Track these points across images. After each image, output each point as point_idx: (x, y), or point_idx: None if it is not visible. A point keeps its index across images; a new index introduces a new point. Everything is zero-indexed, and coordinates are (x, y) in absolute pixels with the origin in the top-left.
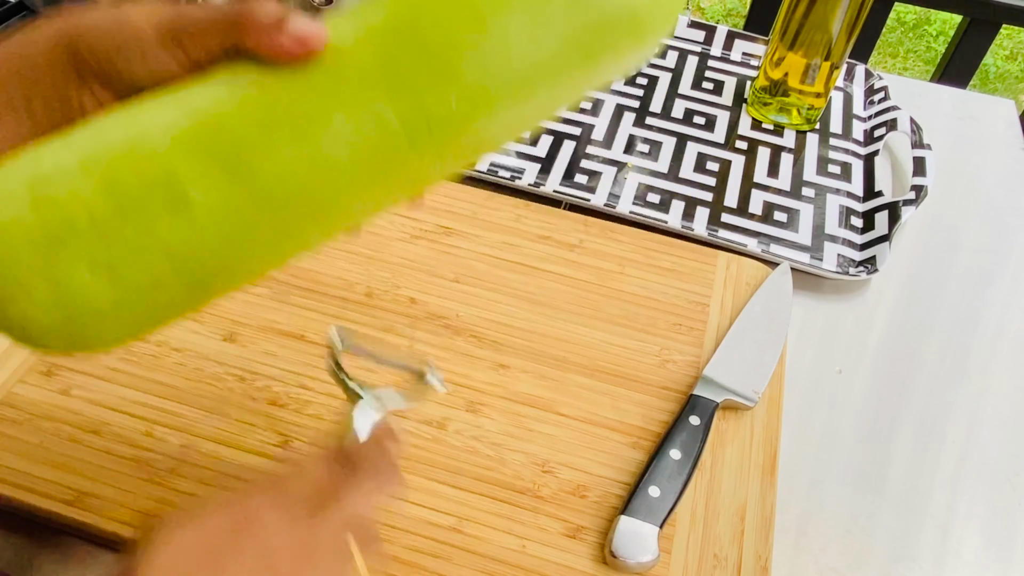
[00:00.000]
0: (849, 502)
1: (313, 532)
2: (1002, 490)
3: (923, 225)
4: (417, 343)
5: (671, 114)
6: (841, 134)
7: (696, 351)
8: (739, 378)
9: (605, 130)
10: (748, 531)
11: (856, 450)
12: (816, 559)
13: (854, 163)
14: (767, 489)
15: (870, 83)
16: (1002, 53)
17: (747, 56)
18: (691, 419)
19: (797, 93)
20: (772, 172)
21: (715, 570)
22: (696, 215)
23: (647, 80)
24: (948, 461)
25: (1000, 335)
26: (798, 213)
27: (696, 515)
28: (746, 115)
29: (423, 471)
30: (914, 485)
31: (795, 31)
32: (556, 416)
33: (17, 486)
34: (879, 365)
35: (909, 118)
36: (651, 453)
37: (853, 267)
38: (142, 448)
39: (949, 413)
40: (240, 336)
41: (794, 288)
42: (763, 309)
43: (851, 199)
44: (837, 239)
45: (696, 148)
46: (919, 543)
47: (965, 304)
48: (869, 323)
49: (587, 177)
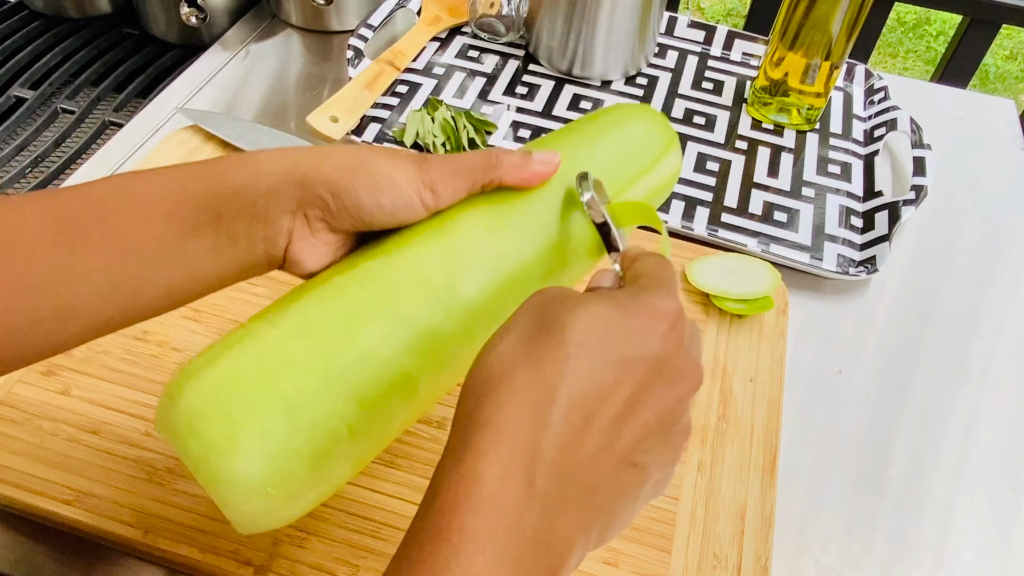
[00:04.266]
0: (849, 502)
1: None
2: (1002, 490)
3: (923, 225)
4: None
5: (671, 114)
6: (841, 134)
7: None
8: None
9: None
10: (748, 531)
11: (856, 450)
12: (816, 559)
13: (854, 163)
14: (767, 489)
15: (870, 83)
16: (1002, 53)
17: (747, 56)
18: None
19: (797, 93)
20: (772, 172)
21: (715, 570)
22: (696, 215)
23: (647, 80)
24: (948, 461)
25: (1000, 335)
26: (798, 213)
27: (696, 515)
28: (746, 115)
29: (422, 471)
30: (914, 485)
31: (795, 31)
32: None
33: (17, 486)
34: (879, 365)
35: (909, 118)
36: None
37: (853, 267)
38: (142, 448)
39: (949, 413)
40: None
41: (794, 288)
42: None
43: (851, 199)
44: (837, 239)
45: (696, 148)
46: (919, 543)
47: (965, 304)
48: (869, 323)
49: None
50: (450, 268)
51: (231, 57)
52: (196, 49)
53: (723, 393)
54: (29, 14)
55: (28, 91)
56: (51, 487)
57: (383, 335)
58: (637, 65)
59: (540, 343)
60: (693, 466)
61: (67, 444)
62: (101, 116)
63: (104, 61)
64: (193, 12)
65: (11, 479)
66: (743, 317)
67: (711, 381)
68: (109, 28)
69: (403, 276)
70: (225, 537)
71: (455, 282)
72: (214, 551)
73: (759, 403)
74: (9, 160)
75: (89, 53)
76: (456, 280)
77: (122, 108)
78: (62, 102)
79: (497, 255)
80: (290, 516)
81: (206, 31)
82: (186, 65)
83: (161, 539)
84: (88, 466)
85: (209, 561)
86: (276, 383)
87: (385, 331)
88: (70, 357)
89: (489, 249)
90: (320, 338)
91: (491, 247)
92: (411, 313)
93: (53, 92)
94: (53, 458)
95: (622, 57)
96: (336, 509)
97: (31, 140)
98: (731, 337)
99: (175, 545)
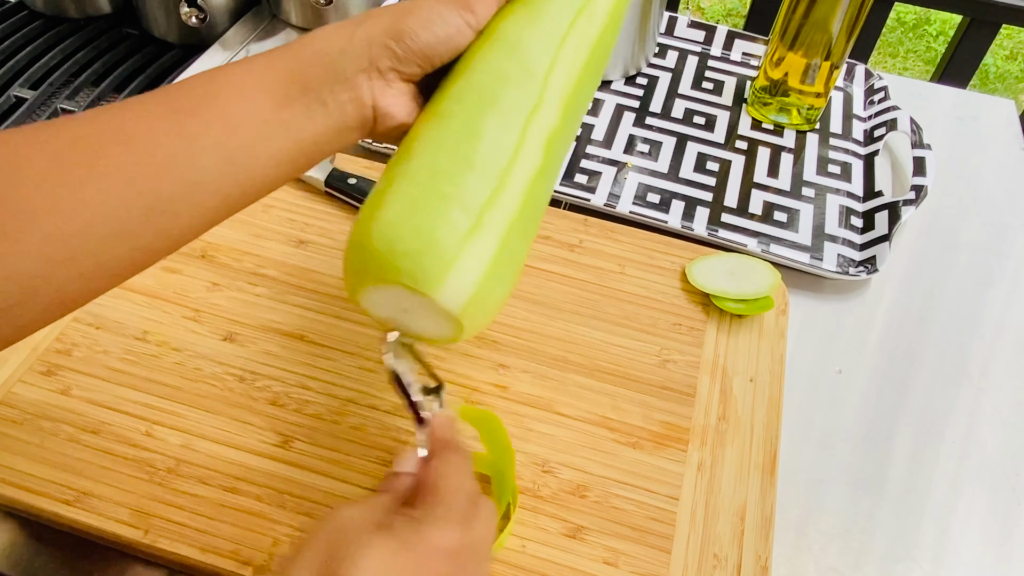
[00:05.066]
0: (849, 502)
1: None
2: (1002, 490)
3: (923, 225)
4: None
5: (671, 114)
6: (841, 134)
7: (696, 351)
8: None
9: (605, 130)
10: (748, 531)
11: (856, 450)
12: (816, 559)
13: (854, 163)
14: (767, 489)
15: (870, 83)
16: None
17: (747, 56)
18: None
19: (797, 93)
20: (772, 172)
21: (715, 570)
22: (696, 215)
23: (647, 80)
24: (948, 461)
25: (1000, 335)
26: (798, 213)
27: (696, 515)
28: (746, 115)
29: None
30: (914, 485)
31: (795, 31)
32: (556, 416)
33: (17, 486)
34: (879, 365)
35: (909, 118)
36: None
37: (853, 267)
38: (142, 448)
39: (949, 413)
40: (239, 336)
41: (794, 288)
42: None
43: (851, 199)
44: (837, 239)
45: (696, 148)
46: (919, 543)
47: (965, 304)
48: (869, 323)
49: (587, 177)
50: (516, 57)
51: (231, 57)
52: (196, 49)
53: (723, 393)
54: (29, 14)
55: (28, 91)
56: (51, 487)
57: (498, 124)
58: (637, 65)
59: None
60: (693, 466)
61: (67, 444)
62: None
63: (104, 61)
64: (193, 12)
65: (11, 479)
66: (743, 317)
67: (711, 381)
68: (109, 28)
69: (484, 80)
70: (225, 537)
71: (526, 63)
72: (214, 551)
73: (759, 403)
74: None
75: (89, 53)
76: (526, 62)
77: None
78: (62, 102)
79: (546, 34)
80: (501, 299)
81: (206, 31)
82: (186, 65)
83: (161, 539)
84: (88, 466)
85: (209, 561)
86: (440, 191)
87: (498, 121)
88: (70, 357)
89: (536, 32)
90: (451, 150)
91: (537, 31)
92: (509, 100)
93: (53, 92)
94: (53, 458)
95: (622, 57)
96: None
97: None
98: (731, 337)
99: (175, 545)
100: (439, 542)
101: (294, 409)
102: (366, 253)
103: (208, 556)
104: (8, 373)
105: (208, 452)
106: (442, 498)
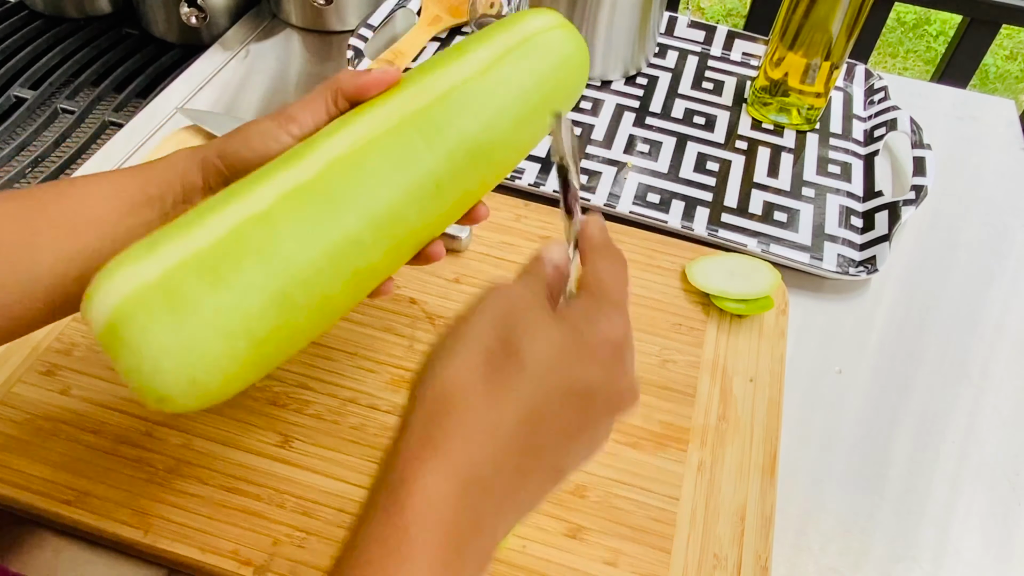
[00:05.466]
0: (849, 502)
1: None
2: (1002, 490)
3: (923, 225)
4: (417, 343)
5: (671, 114)
6: (841, 134)
7: (696, 351)
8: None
9: (605, 130)
10: (748, 531)
11: (856, 450)
12: (816, 559)
13: (854, 163)
14: (767, 489)
15: (870, 83)
16: (1002, 53)
17: (747, 56)
18: None
19: (797, 93)
20: (772, 172)
21: (715, 570)
22: (696, 215)
23: (647, 80)
24: (948, 461)
25: (1000, 335)
26: (798, 213)
27: (696, 515)
28: (746, 115)
29: None
30: (914, 485)
31: (795, 31)
32: None
33: (17, 486)
34: (879, 365)
35: (909, 118)
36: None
37: (853, 267)
38: (142, 448)
39: (949, 413)
40: None
41: (794, 288)
42: None
43: (851, 199)
44: (837, 239)
45: (696, 148)
46: (919, 543)
47: (965, 304)
48: (869, 323)
49: (587, 177)
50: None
51: (231, 57)
52: (196, 49)
53: (723, 393)
54: (29, 14)
55: (28, 91)
56: (51, 487)
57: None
58: (637, 65)
59: (498, 372)
60: (693, 466)
61: (67, 444)
62: (101, 116)
63: (104, 61)
64: (193, 12)
65: (11, 479)
66: (743, 317)
67: (711, 381)
68: (109, 28)
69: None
70: (225, 537)
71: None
72: (214, 551)
73: (759, 403)
74: (9, 160)
75: (89, 53)
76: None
77: (122, 108)
78: (62, 102)
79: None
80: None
81: (206, 31)
82: (186, 65)
83: (161, 539)
84: (88, 466)
85: (209, 561)
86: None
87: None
88: (70, 357)
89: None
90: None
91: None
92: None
93: (53, 92)
94: (53, 458)
95: (622, 57)
96: (335, 509)
97: (31, 140)
98: (731, 337)
99: (175, 545)
100: (608, 333)
101: (294, 409)
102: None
103: (208, 556)
104: (8, 373)
105: (208, 452)
106: (609, 294)
